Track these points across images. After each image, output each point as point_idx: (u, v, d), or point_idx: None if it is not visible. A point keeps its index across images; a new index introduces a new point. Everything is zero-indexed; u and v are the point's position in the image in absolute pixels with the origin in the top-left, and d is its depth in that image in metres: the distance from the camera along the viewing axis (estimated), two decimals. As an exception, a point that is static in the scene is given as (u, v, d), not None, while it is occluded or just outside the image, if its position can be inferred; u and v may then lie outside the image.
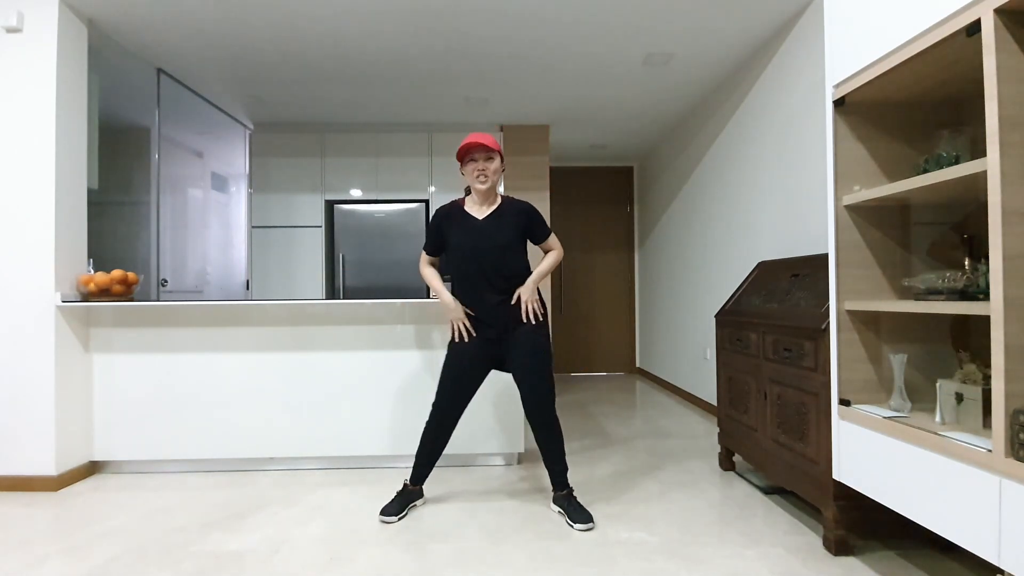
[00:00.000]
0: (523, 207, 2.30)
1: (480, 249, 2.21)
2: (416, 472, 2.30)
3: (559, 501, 2.25)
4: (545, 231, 2.34)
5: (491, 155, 2.23)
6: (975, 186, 1.49)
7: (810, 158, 2.87)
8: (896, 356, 1.70)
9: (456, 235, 2.25)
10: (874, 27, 1.63)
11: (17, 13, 2.60)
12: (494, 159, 2.24)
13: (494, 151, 2.22)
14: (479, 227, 2.24)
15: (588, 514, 2.15)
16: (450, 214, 2.30)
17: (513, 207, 2.29)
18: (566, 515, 2.18)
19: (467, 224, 2.26)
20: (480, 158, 2.21)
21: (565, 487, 2.25)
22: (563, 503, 2.22)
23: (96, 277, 2.67)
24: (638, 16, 2.92)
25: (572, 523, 2.13)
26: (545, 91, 4.01)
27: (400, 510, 2.22)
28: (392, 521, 2.17)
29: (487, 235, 2.23)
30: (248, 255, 4.66)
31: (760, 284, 2.71)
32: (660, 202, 5.38)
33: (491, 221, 2.26)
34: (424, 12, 2.87)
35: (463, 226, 2.26)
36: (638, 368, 6.14)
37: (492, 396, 2.86)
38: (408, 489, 2.28)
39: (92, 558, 1.90)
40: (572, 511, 2.17)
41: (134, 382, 2.80)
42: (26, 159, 2.61)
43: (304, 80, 3.76)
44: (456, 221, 2.28)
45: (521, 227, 2.27)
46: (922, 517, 1.46)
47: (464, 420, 2.84)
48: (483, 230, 2.24)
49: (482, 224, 2.25)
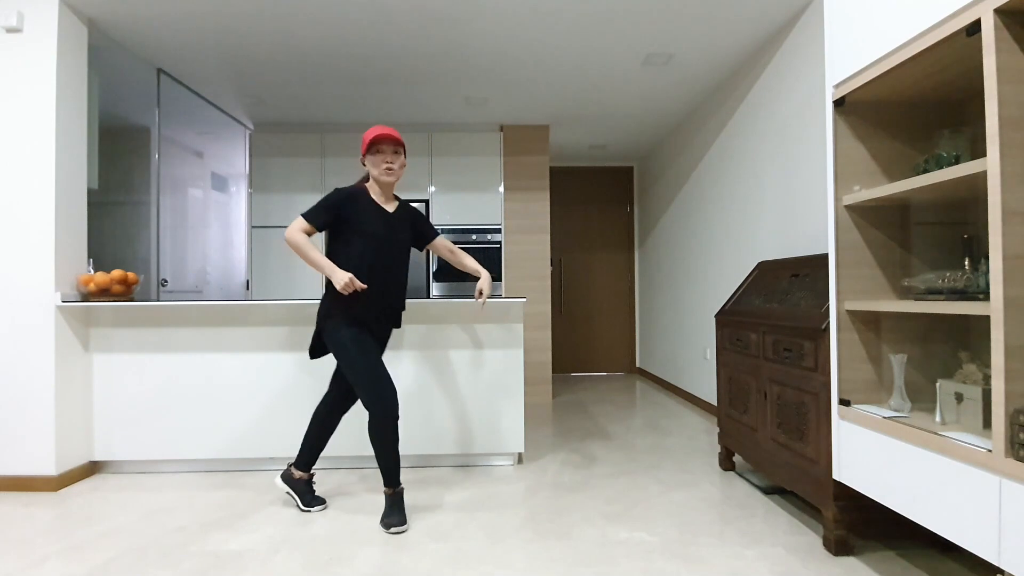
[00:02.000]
0: (412, 209, 2.40)
1: (393, 242, 2.25)
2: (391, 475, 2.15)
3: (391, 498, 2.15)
4: (433, 229, 2.45)
5: (398, 149, 2.24)
6: (975, 186, 1.49)
7: (810, 158, 2.87)
8: (896, 356, 1.70)
9: (369, 222, 2.20)
10: (874, 27, 1.63)
11: (17, 13, 2.60)
12: (400, 155, 2.26)
13: (401, 146, 2.25)
14: (392, 220, 2.27)
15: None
16: (356, 197, 2.22)
17: (407, 208, 2.37)
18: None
19: (380, 214, 2.25)
20: (387, 151, 2.22)
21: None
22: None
23: (96, 277, 2.67)
24: (638, 16, 2.92)
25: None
26: (545, 91, 4.01)
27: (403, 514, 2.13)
28: (405, 528, 2.09)
29: (399, 230, 2.28)
30: (248, 255, 4.65)
31: (760, 284, 2.71)
32: (660, 202, 5.38)
33: (400, 216, 2.31)
34: (424, 12, 2.87)
35: (376, 215, 2.23)
36: (638, 368, 6.14)
37: (492, 396, 2.86)
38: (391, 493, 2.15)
39: (92, 558, 1.90)
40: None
41: (134, 382, 2.80)
42: (26, 159, 2.61)
43: (304, 80, 3.76)
44: (365, 208, 2.22)
45: (414, 229, 2.38)
46: (922, 517, 1.46)
47: (464, 420, 2.84)
48: (396, 224, 2.28)
49: (394, 218, 2.29)
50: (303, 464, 2.35)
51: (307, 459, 2.35)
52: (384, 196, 2.30)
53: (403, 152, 2.28)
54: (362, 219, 2.20)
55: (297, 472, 2.34)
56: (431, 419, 2.85)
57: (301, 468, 2.34)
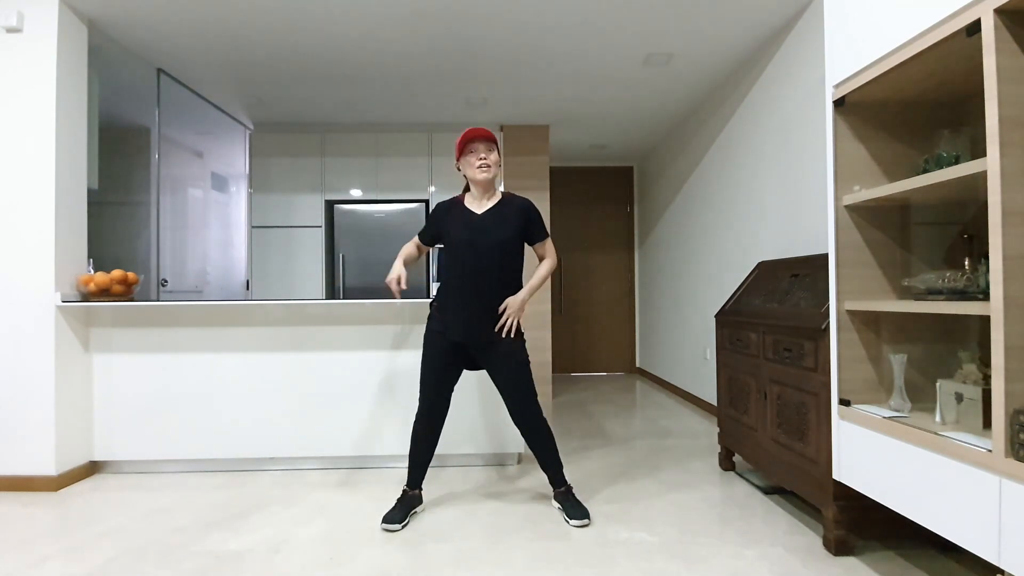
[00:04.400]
0: (523, 204, 2.25)
1: (477, 244, 2.15)
2: (412, 475, 2.26)
3: (558, 498, 2.25)
4: (543, 233, 2.28)
5: (491, 147, 2.20)
6: (975, 186, 1.49)
7: (810, 158, 2.87)
8: (896, 356, 1.70)
9: (454, 229, 2.19)
10: (874, 27, 1.63)
11: (17, 13, 2.60)
12: (494, 151, 2.21)
13: (494, 143, 2.21)
14: (477, 222, 2.19)
15: (584, 510, 2.15)
16: (450, 208, 2.26)
17: (513, 203, 2.24)
18: (563, 511, 2.19)
19: (465, 218, 2.20)
20: (481, 148, 2.18)
21: (562, 484, 2.26)
22: (561, 500, 2.23)
23: (96, 277, 2.67)
24: (638, 16, 2.92)
25: (568, 519, 2.14)
26: (545, 91, 4.01)
27: (403, 517, 2.15)
28: (396, 529, 2.11)
29: (485, 230, 2.17)
30: (248, 255, 4.65)
31: (760, 284, 2.71)
32: (660, 202, 5.38)
33: (490, 216, 2.20)
34: (424, 13, 2.87)
35: (461, 220, 2.20)
36: (638, 368, 6.14)
37: (492, 396, 2.86)
38: (408, 495, 2.24)
39: (92, 558, 1.90)
40: (568, 507, 2.18)
41: (134, 382, 2.80)
42: (26, 159, 2.61)
43: (304, 80, 3.76)
44: (455, 215, 2.23)
45: (520, 225, 2.21)
46: (922, 517, 1.46)
47: (464, 420, 2.84)
48: (481, 225, 2.18)
49: (480, 219, 2.20)
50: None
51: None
52: (482, 197, 2.23)
53: (497, 149, 2.22)
54: (450, 228, 2.21)
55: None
56: (431, 419, 2.85)
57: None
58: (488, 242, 2.15)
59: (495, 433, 2.86)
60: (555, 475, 2.26)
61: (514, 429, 2.85)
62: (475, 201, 2.25)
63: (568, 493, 2.23)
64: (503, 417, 2.85)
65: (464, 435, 2.85)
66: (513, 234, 2.19)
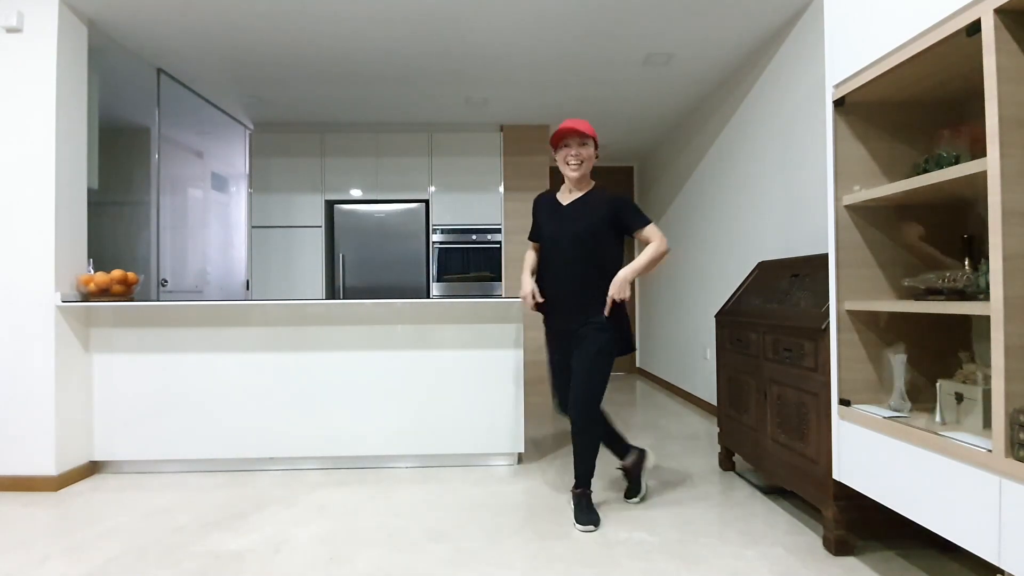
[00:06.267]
0: (612, 195, 2.21)
1: (563, 234, 2.19)
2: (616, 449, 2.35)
3: (573, 498, 2.23)
4: (641, 220, 2.19)
5: (585, 141, 2.20)
6: (975, 186, 1.49)
7: (810, 158, 2.87)
8: (896, 356, 1.70)
9: (544, 222, 2.28)
10: (874, 27, 1.63)
11: (17, 13, 2.60)
12: (588, 145, 2.20)
13: (588, 137, 2.19)
14: (564, 212, 2.24)
15: (591, 517, 2.13)
16: (542, 201, 2.35)
17: (604, 195, 2.22)
18: (573, 512, 2.19)
19: (554, 210, 2.27)
20: (574, 144, 2.19)
21: (580, 486, 2.21)
22: (575, 500, 2.21)
23: (96, 277, 2.67)
24: (638, 16, 2.92)
25: (575, 521, 2.14)
26: (545, 91, 4.00)
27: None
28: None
29: (571, 220, 2.20)
30: (248, 255, 4.65)
31: (760, 284, 2.71)
32: (660, 202, 5.38)
33: (576, 207, 2.23)
34: (424, 13, 2.87)
35: (550, 212, 2.28)
36: (638, 368, 6.14)
37: (492, 396, 2.86)
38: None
39: (92, 558, 1.90)
40: (578, 510, 2.16)
41: (134, 382, 2.80)
42: (26, 159, 2.61)
43: (304, 80, 3.76)
44: (545, 208, 2.31)
45: (609, 215, 2.16)
46: (922, 517, 1.46)
47: (464, 420, 2.84)
48: (567, 215, 2.22)
49: (567, 209, 2.25)
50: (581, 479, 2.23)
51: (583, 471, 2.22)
52: (573, 188, 2.27)
53: (592, 142, 2.20)
54: (541, 220, 2.30)
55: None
56: (431, 419, 2.85)
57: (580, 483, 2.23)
58: (571, 231, 2.18)
59: (495, 433, 2.86)
60: (581, 475, 2.20)
61: (514, 429, 2.85)
62: (566, 193, 2.30)
63: (584, 496, 2.20)
64: (503, 417, 2.85)
65: (464, 435, 2.85)
66: (597, 222, 2.16)
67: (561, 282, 2.20)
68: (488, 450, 2.86)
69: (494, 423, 2.85)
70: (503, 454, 2.89)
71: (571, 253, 2.18)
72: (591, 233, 2.16)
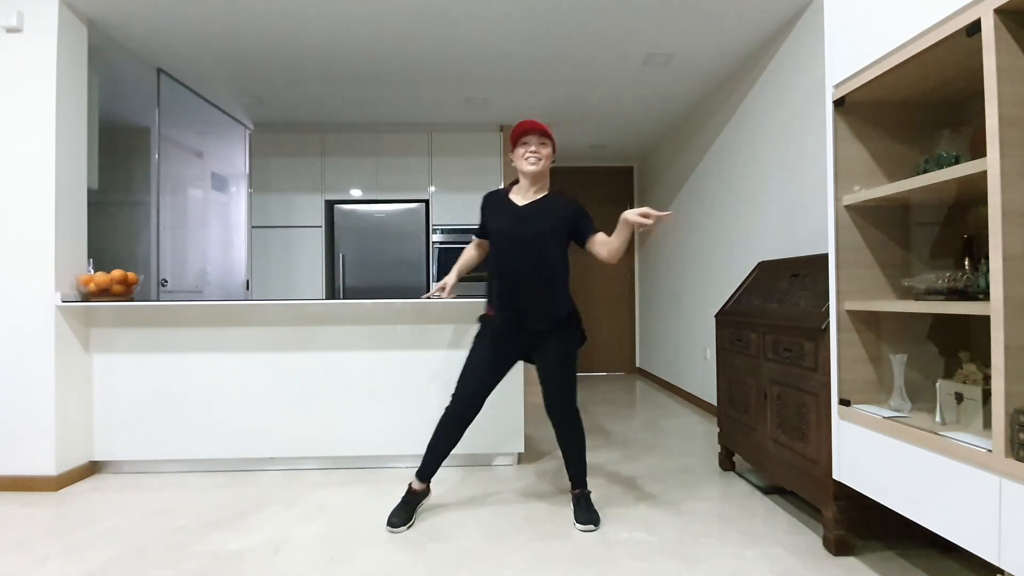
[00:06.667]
0: (569, 200, 2.20)
1: (516, 235, 2.12)
2: (425, 467, 2.22)
3: (573, 499, 2.24)
4: (594, 226, 2.18)
5: (544, 140, 2.17)
6: (975, 186, 1.49)
7: (810, 158, 2.87)
8: (896, 356, 1.70)
9: (496, 221, 2.19)
10: (874, 27, 1.63)
11: (17, 13, 2.60)
12: (547, 145, 2.18)
13: (548, 137, 2.18)
14: (519, 213, 2.17)
15: (591, 516, 2.14)
16: (494, 198, 2.26)
17: (560, 199, 2.20)
18: (573, 512, 2.19)
19: (508, 210, 2.19)
20: (533, 141, 2.16)
21: (579, 487, 2.23)
22: (575, 501, 2.22)
23: (96, 277, 2.67)
24: (638, 16, 2.92)
25: (575, 521, 2.14)
26: (545, 91, 4.00)
27: (408, 518, 2.14)
28: (401, 530, 2.09)
29: (526, 221, 2.14)
30: (248, 255, 4.66)
31: (760, 284, 2.71)
32: (660, 202, 5.38)
33: (533, 208, 2.17)
34: (424, 12, 2.87)
35: (503, 212, 2.19)
36: (638, 368, 6.14)
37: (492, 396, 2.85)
38: (413, 491, 2.21)
39: (92, 558, 1.90)
40: (579, 510, 2.17)
41: (134, 382, 2.80)
42: (26, 159, 2.61)
43: (304, 80, 3.76)
44: (498, 207, 2.22)
45: (565, 220, 2.14)
46: (922, 517, 1.46)
47: (464, 420, 2.84)
48: (523, 216, 2.15)
49: (525, 211, 2.17)
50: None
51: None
52: (529, 190, 2.20)
53: (551, 144, 2.18)
54: (492, 219, 2.21)
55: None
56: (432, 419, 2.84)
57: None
58: (532, 232, 2.12)
59: (495, 433, 2.86)
60: (576, 475, 2.23)
61: (514, 429, 2.85)
62: (521, 193, 2.23)
63: (583, 496, 2.21)
64: (503, 417, 2.85)
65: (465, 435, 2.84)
66: (555, 226, 2.13)
67: (521, 284, 2.12)
68: (488, 450, 2.86)
69: (494, 423, 2.85)
70: (503, 454, 2.89)
71: (531, 254, 2.11)
72: (552, 235, 2.12)
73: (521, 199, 2.21)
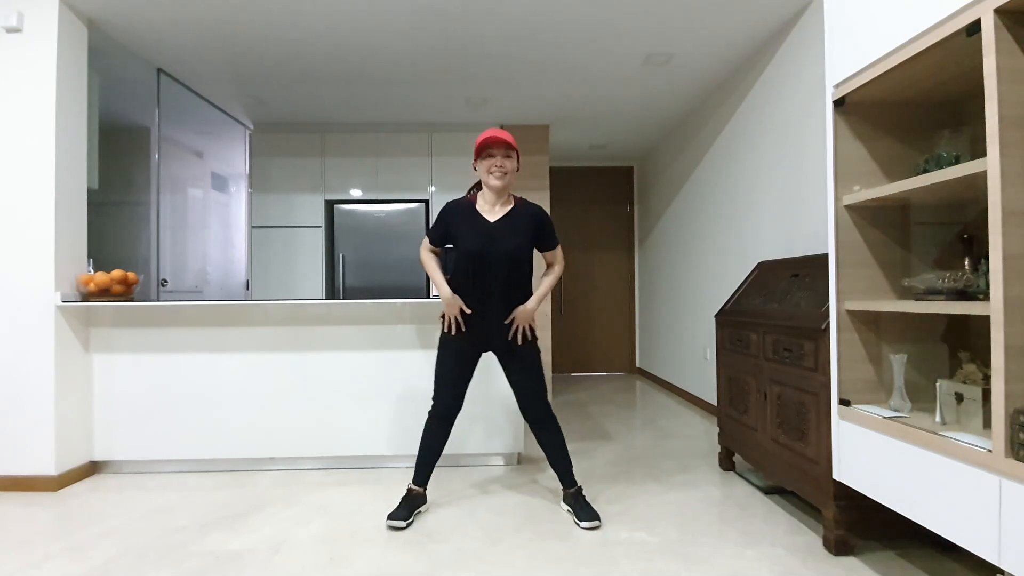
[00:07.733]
0: (535, 210, 2.23)
1: (490, 253, 2.13)
2: (420, 472, 2.26)
3: (567, 499, 2.25)
4: (553, 240, 2.28)
5: (509, 153, 2.16)
6: (975, 186, 1.49)
7: (810, 158, 2.87)
8: (896, 356, 1.70)
9: (466, 235, 2.16)
10: (874, 27, 1.63)
11: (17, 13, 2.60)
12: (512, 158, 2.17)
13: (513, 149, 2.17)
14: (491, 230, 2.15)
15: (594, 512, 2.15)
16: (460, 210, 2.21)
17: (527, 210, 2.22)
18: (573, 513, 2.19)
19: (478, 225, 2.16)
20: (498, 154, 2.14)
21: (572, 485, 2.25)
22: (571, 501, 2.23)
23: (96, 277, 2.67)
24: (638, 16, 2.92)
25: (578, 521, 2.14)
26: (545, 91, 4.00)
27: (408, 515, 2.16)
28: (401, 526, 2.11)
29: (498, 239, 2.14)
30: (248, 255, 4.65)
31: (760, 284, 2.71)
32: (660, 202, 5.38)
33: (504, 224, 2.17)
34: (424, 12, 2.87)
35: (473, 227, 2.16)
36: (638, 368, 6.14)
37: (492, 396, 2.86)
38: (413, 493, 2.24)
39: (92, 558, 1.90)
40: (578, 509, 2.17)
41: (134, 382, 2.80)
42: (26, 159, 2.61)
43: (304, 80, 3.76)
44: (466, 219, 2.18)
45: (534, 231, 2.20)
46: (922, 517, 1.46)
47: (464, 420, 2.84)
48: (495, 233, 2.15)
49: (494, 227, 2.16)
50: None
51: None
52: (495, 202, 2.20)
53: (516, 156, 2.19)
54: (460, 232, 2.17)
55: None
56: (431, 419, 2.85)
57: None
58: (501, 251, 2.14)
59: (495, 433, 2.86)
60: (564, 474, 2.26)
61: (514, 429, 2.85)
62: (488, 206, 2.21)
63: (578, 494, 2.23)
64: (503, 417, 2.85)
65: (464, 435, 2.85)
66: (525, 242, 2.18)
67: (490, 300, 2.17)
68: (488, 450, 2.86)
69: (494, 423, 2.85)
70: (503, 454, 2.89)
71: (502, 271, 2.14)
72: (521, 252, 2.17)
73: (489, 213, 2.20)
